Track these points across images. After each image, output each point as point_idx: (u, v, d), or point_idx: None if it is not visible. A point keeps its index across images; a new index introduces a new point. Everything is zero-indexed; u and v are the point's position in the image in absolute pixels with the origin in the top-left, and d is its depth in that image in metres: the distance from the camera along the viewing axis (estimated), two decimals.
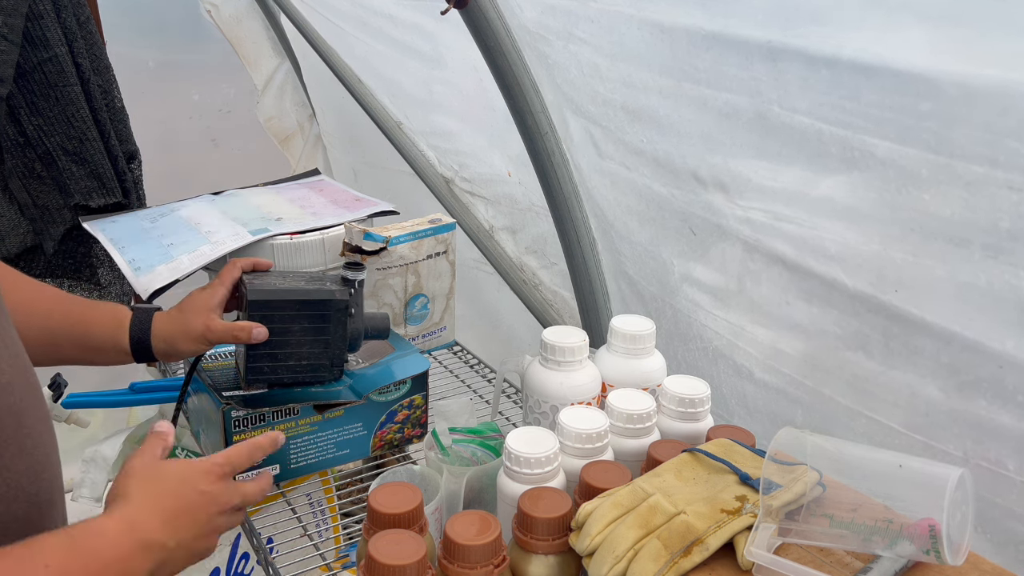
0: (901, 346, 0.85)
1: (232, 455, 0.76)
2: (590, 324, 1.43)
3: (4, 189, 1.57)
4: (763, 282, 0.99)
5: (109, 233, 1.23)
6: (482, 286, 1.79)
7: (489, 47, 1.22)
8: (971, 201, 0.73)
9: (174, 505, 0.70)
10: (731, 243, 1.02)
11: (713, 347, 1.12)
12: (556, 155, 1.30)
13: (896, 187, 0.79)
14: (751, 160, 0.93)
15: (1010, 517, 0.80)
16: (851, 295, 0.88)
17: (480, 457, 0.96)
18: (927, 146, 0.74)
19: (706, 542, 0.67)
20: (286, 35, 2.33)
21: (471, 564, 0.69)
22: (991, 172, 0.70)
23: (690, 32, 0.92)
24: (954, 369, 0.81)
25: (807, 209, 0.89)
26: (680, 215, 1.09)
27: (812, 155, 0.85)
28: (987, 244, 0.73)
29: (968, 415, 0.81)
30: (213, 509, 0.73)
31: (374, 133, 1.90)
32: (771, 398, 1.05)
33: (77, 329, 0.87)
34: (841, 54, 0.78)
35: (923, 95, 0.72)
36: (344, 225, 1.18)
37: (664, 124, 1.03)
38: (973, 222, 0.73)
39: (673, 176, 1.06)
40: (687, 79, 0.96)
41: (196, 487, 0.72)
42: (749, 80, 0.88)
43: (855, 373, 0.92)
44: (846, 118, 0.80)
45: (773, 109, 0.87)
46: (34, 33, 1.48)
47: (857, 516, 0.66)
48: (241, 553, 1.25)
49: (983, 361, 0.78)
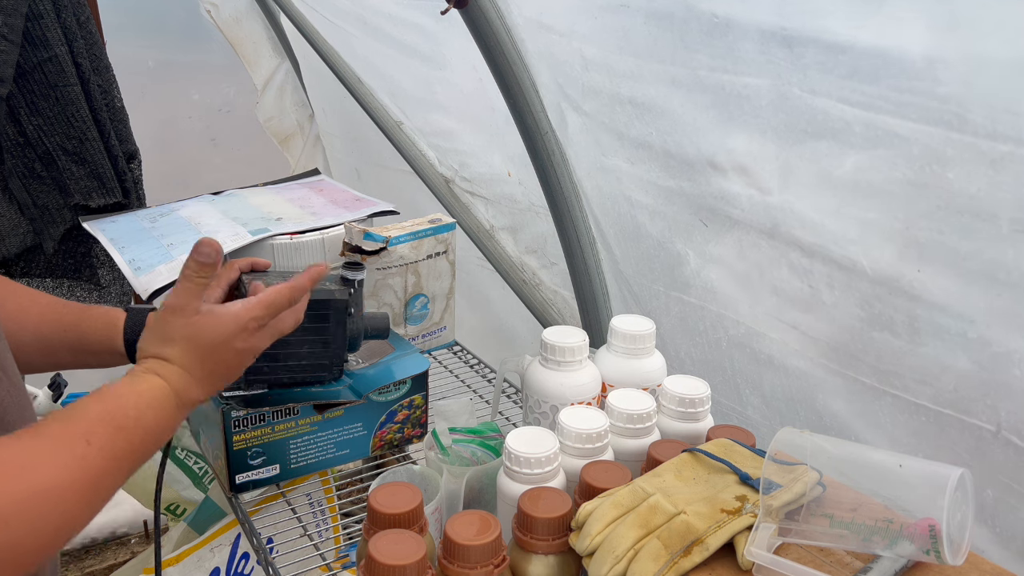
0: (927, 325, 0.84)
1: (272, 301, 0.77)
2: (590, 324, 1.43)
3: (4, 189, 1.57)
4: (783, 267, 0.99)
5: (109, 233, 1.23)
6: (482, 286, 1.79)
7: (489, 47, 1.23)
8: (996, 179, 0.73)
9: (214, 367, 0.74)
10: (746, 231, 1.01)
11: (729, 337, 1.11)
12: (556, 155, 1.30)
13: (920, 166, 0.78)
14: (771, 143, 0.92)
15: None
16: (872, 277, 0.88)
17: (480, 457, 0.96)
18: (949, 125, 0.74)
19: (706, 542, 0.67)
20: (286, 35, 2.33)
21: (471, 564, 0.70)
22: (1016, 150, 0.70)
23: (702, 20, 0.91)
24: (984, 343, 0.80)
25: (828, 191, 0.89)
26: (690, 207, 1.08)
27: (834, 135, 0.85)
28: (1015, 219, 0.73)
29: (1000, 386, 0.80)
30: (248, 358, 0.77)
31: (374, 133, 1.90)
32: (792, 384, 1.05)
33: (71, 334, 0.88)
34: (856, 41, 0.78)
35: (941, 79, 0.73)
36: (344, 225, 1.18)
37: (677, 115, 1.02)
38: (999, 200, 0.73)
39: (685, 167, 1.05)
40: (702, 67, 0.95)
41: (234, 347, 0.74)
42: (766, 63, 0.87)
43: (879, 354, 0.91)
44: (867, 100, 0.80)
45: (793, 91, 0.87)
46: (34, 33, 1.48)
47: (857, 516, 0.67)
48: (241, 553, 1.25)
49: (1011, 334, 0.77)
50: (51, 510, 0.58)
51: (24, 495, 0.56)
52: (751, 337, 1.08)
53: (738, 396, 1.12)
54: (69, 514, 0.60)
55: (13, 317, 0.83)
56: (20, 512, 0.56)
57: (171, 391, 0.71)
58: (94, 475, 0.62)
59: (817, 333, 0.98)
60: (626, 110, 1.10)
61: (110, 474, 0.63)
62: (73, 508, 0.60)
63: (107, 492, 0.64)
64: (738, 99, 0.94)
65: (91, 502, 0.62)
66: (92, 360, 0.90)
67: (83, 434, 0.62)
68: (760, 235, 1.00)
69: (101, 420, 0.64)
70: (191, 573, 1.23)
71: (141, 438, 0.66)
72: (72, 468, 0.60)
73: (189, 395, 0.72)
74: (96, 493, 0.62)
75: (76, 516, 0.61)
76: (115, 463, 0.64)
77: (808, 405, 1.03)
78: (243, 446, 0.96)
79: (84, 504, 0.61)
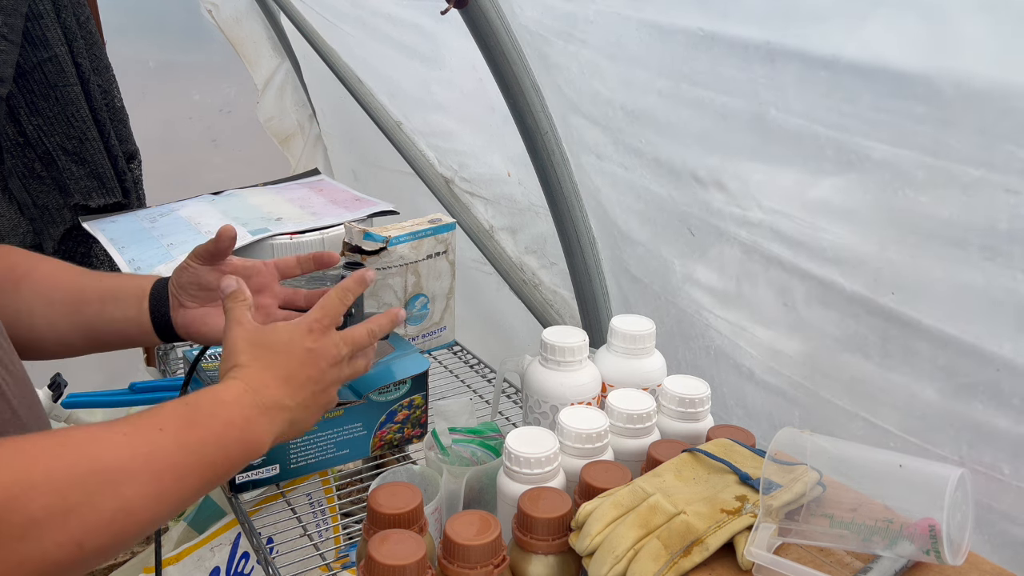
0: (898, 348, 0.85)
1: (327, 307, 0.77)
2: (590, 324, 1.43)
3: (4, 189, 1.57)
4: (761, 283, 1.00)
5: (109, 233, 1.23)
6: (482, 286, 1.79)
7: (489, 47, 1.23)
8: (969, 203, 0.73)
9: (287, 366, 0.72)
10: (729, 244, 1.02)
11: (715, 347, 1.12)
12: (556, 155, 1.31)
13: (893, 189, 0.79)
14: (749, 162, 0.93)
15: (1006, 520, 0.80)
16: (849, 297, 0.88)
17: (480, 457, 0.96)
18: (924, 149, 0.74)
19: (706, 542, 0.67)
20: (286, 35, 2.33)
21: (471, 564, 0.70)
22: (988, 175, 0.70)
23: (688, 33, 0.92)
24: (951, 372, 0.80)
25: (804, 211, 0.89)
26: (679, 216, 1.09)
27: (809, 157, 0.85)
28: (985, 246, 0.73)
29: (965, 418, 0.80)
30: (324, 364, 0.74)
31: (374, 133, 1.90)
32: (770, 399, 1.05)
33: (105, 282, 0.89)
34: (840, 55, 0.78)
35: (920, 97, 0.73)
36: (344, 225, 1.18)
37: (663, 125, 1.03)
38: (971, 224, 0.73)
39: (673, 177, 1.06)
40: (685, 80, 0.96)
41: (302, 346, 0.73)
42: (746, 82, 0.88)
43: (852, 375, 0.92)
44: (843, 120, 0.80)
45: (770, 111, 0.87)
46: (34, 33, 1.48)
47: (857, 516, 0.67)
48: (241, 553, 1.25)
49: (980, 364, 0.77)
50: (111, 490, 0.56)
51: (84, 470, 0.55)
52: (734, 350, 1.09)
53: (724, 406, 1.13)
54: (128, 498, 0.57)
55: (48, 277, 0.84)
56: (77, 484, 0.54)
57: (246, 387, 0.68)
58: (163, 464, 0.60)
59: (792, 351, 0.99)
60: (618, 116, 1.10)
61: (182, 468, 0.61)
62: (134, 493, 0.58)
63: (178, 488, 0.61)
64: (715, 117, 0.94)
65: (158, 494, 0.59)
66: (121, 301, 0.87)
67: (156, 424, 0.61)
68: (742, 249, 1.00)
69: (176, 414, 0.63)
70: (191, 572, 1.23)
71: (217, 435, 0.64)
72: (139, 453, 0.59)
73: (269, 393, 0.69)
74: (162, 483, 0.60)
75: (137, 503, 0.58)
76: (188, 456, 0.62)
77: (787, 421, 1.03)
78: None
79: (148, 493, 0.59)
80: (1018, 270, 0.71)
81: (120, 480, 0.57)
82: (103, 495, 0.56)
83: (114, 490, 0.56)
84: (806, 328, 0.95)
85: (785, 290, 0.96)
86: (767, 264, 0.97)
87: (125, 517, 0.57)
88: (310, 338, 0.74)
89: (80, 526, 0.54)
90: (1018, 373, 0.75)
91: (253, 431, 0.67)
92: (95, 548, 0.56)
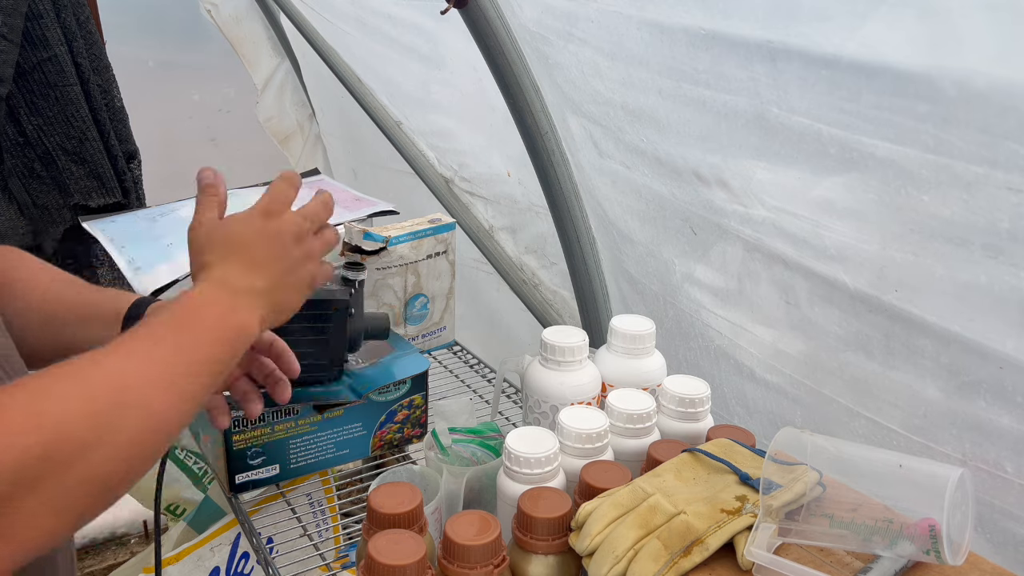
0: (901, 347, 0.85)
1: (276, 190, 0.77)
2: (590, 324, 1.43)
3: (4, 189, 1.57)
4: (763, 282, 0.99)
5: (109, 233, 1.23)
6: (482, 286, 1.79)
7: (489, 47, 1.23)
8: (971, 202, 0.73)
9: (248, 252, 0.73)
10: (732, 243, 1.02)
11: (715, 346, 1.12)
12: (556, 155, 1.30)
13: (896, 188, 0.78)
14: (751, 160, 0.93)
15: (1008, 518, 0.80)
16: (851, 295, 0.88)
17: (480, 457, 0.96)
18: (926, 147, 0.74)
19: (706, 542, 0.67)
20: (286, 35, 2.33)
21: (471, 564, 0.69)
22: (991, 173, 0.70)
23: (689, 32, 0.92)
24: (954, 370, 0.80)
25: (808, 209, 0.89)
26: (681, 215, 1.09)
27: (811, 155, 0.85)
28: (987, 244, 0.73)
29: (967, 416, 0.80)
30: (286, 239, 0.75)
31: (374, 133, 1.90)
32: (771, 398, 1.05)
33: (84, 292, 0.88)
34: (842, 54, 0.77)
35: (922, 96, 0.72)
36: (344, 225, 1.18)
37: (664, 124, 1.03)
38: (973, 223, 0.73)
39: (674, 176, 1.06)
40: (686, 79, 0.96)
41: (255, 227, 0.74)
42: (748, 81, 0.88)
43: (855, 374, 0.91)
44: (845, 119, 0.80)
45: (772, 110, 0.87)
46: (34, 33, 1.48)
47: (857, 516, 0.66)
48: (241, 553, 1.25)
49: (983, 362, 0.77)
50: (141, 404, 0.59)
51: (114, 389, 0.58)
52: (734, 348, 1.08)
53: (725, 405, 1.13)
54: (156, 408, 0.60)
55: (26, 280, 0.84)
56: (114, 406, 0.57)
57: (218, 281, 0.71)
58: (174, 371, 0.62)
59: (794, 350, 0.99)
60: (619, 115, 1.10)
61: (192, 366, 0.64)
62: (159, 403, 0.61)
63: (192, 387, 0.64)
64: (716, 116, 0.94)
65: (179, 398, 0.62)
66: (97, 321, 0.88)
67: (152, 339, 0.64)
68: (744, 248, 1.00)
69: (166, 325, 0.65)
70: (191, 572, 1.22)
71: (210, 329, 0.67)
72: (151, 366, 0.61)
73: (240, 281, 0.71)
74: (178, 387, 0.63)
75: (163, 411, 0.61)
76: (191, 355, 0.64)
77: (788, 420, 1.03)
78: (243, 446, 0.96)
79: (170, 400, 0.62)
80: (1021, 268, 0.71)
81: (146, 393, 0.60)
82: (136, 409, 0.59)
83: (144, 403, 0.60)
84: (808, 326, 0.95)
85: (788, 288, 0.96)
86: (770, 262, 0.97)
87: (156, 425, 0.61)
88: (263, 221, 0.75)
89: (126, 440, 0.58)
90: (1021, 371, 0.75)
91: (238, 320, 0.70)
92: (140, 458, 0.60)
